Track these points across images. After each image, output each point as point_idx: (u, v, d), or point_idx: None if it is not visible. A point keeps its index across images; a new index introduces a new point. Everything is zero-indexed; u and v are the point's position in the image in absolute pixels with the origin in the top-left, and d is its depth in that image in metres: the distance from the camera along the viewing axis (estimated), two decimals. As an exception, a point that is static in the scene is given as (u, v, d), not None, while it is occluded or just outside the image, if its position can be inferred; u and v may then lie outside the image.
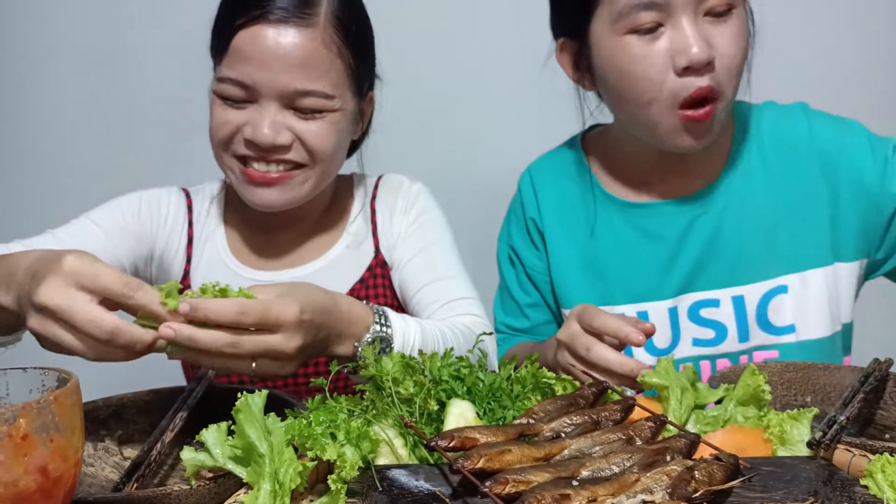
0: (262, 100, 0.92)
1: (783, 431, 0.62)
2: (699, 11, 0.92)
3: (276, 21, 0.90)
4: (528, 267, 1.14)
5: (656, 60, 0.92)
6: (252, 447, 0.53)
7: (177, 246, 1.06)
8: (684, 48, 0.91)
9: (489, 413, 0.68)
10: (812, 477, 0.58)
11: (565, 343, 0.84)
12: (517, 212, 1.17)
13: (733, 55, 0.93)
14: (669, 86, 0.93)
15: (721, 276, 1.04)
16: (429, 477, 0.58)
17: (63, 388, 0.43)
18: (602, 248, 1.09)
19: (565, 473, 0.55)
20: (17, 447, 0.39)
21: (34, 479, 0.40)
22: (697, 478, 0.54)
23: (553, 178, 1.14)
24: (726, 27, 0.93)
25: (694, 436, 0.60)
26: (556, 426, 0.63)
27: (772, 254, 1.03)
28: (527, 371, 0.72)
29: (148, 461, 0.61)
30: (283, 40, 0.90)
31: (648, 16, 0.91)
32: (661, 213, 1.06)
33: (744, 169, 1.05)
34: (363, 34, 1.00)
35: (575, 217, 1.11)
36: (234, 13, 0.92)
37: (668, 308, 1.06)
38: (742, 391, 0.68)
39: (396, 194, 1.10)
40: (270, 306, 0.66)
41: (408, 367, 0.68)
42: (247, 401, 0.55)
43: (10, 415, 0.39)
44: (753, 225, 1.04)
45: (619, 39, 0.94)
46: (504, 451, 0.57)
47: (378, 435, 0.61)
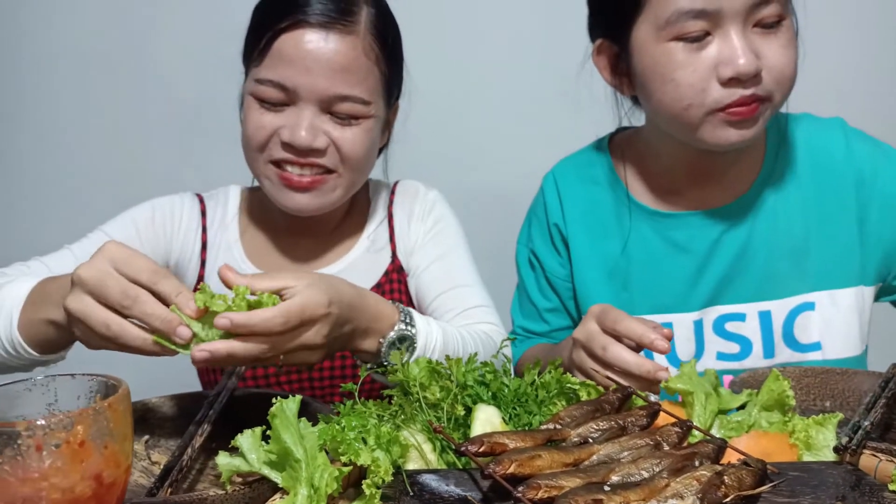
0: (300, 103, 0.93)
1: (808, 437, 0.63)
2: (749, 23, 0.90)
3: (319, 26, 0.92)
4: (549, 272, 1.14)
5: (700, 68, 0.91)
6: (288, 452, 0.54)
7: (191, 251, 1.06)
8: (731, 59, 0.89)
9: (514, 418, 0.69)
10: (839, 482, 0.58)
11: (582, 342, 0.84)
12: (539, 215, 1.16)
13: (783, 66, 0.92)
14: (712, 94, 0.91)
15: (748, 290, 1.03)
16: (459, 481, 0.59)
17: (116, 395, 0.43)
18: (628, 256, 1.07)
19: (596, 479, 0.56)
20: (74, 453, 0.40)
21: (89, 485, 0.40)
22: (727, 483, 0.55)
23: (579, 184, 1.13)
24: (775, 39, 0.91)
25: (721, 441, 0.61)
26: (584, 431, 0.63)
27: (801, 270, 1.02)
28: (551, 376, 0.72)
29: (179, 466, 0.61)
30: (326, 45, 0.92)
31: (697, 24, 0.90)
32: (691, 225, 1.05)
33: (776, 182, 1.04)
34: (396, 44, 1.02)
35: (601, 224, 1.10)
36: (275, 17, 0.93)
37: (693, 321, 1.05)
38: (766, 396, 0.68)
39: (413, 201, 1.11)
40: (306, 306, 0.68)
41: (434, 373, 0.69)
42: (282, 406, 0.55)
43: (69, 421, 0.40)
44: (784, 239, 1.03)
45: (664, 45, 0.92)
46: (534, 456, 0.57)
47: (407, 440, 0.62)
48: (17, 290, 0.78)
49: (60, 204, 1.74)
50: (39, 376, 0.48)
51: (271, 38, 0.92)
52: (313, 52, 0.91)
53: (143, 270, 0.67)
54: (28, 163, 1.77)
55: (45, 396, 0.47)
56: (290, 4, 0.93)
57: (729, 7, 0.89)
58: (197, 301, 0.66)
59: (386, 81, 0.99)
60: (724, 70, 0.89)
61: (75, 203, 1.71)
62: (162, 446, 0.75)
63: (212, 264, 1.06)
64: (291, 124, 0.93)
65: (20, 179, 1.77)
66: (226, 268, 0.71)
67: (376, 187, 1.14)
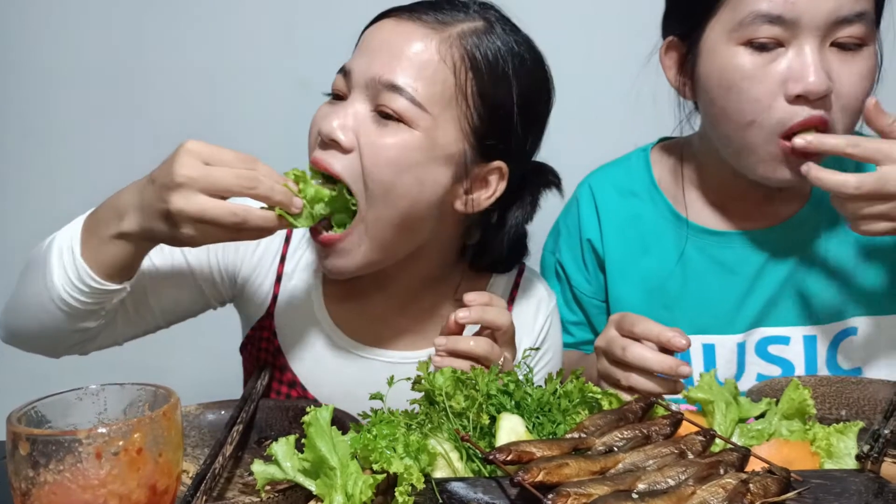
0: (352, 92, 0.83)
1: (830, 445, 0.64)
2: (827, 40, 0.86)
3: (405, 18, 0.84)
4: (576, 287, 1.11)
5: (768, 81, 0.87)
6: (323, 460, 0.55)
7: (261, 279, 0.95)
8: (801, 75, 0.85)
9: (538, 427, 0.70)
10: (862, 490, 0.59)
11: (602, 348, 0.84)
12: (571, 228, 1.11)
13: (855, 95, 0.87)
14: (777, 112, 0.87)
15: (794, 313, 1.01)
16: (487, 489, 0.60)
17: (170, 404, 0.45)
18: (669, 274, 1.03)
19: (623, 486, 0.57)
20: (132, 461, 0.41)
21: (144, 492, 0.42)
22: (753, 490, 0.56)
23: (617, 196, 1.08)
24: (853, 63, 0.87)
25: (745, 450, 0.62)
26: (608, 440, 0.64)
27: (847, 295, 1.01)
28: (573, 386, 0.73)
29: (213, 472, 0.62)
30: (397, 29, 0.83)
31: (771, 30, 0.86)
32: (739, 245, 1.02)
33: (825, 206, 0.98)
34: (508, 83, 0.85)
35: (641, 239, 1.05)
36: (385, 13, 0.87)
37: (736, 343, 1.02)
38: (787, 405, 0.69)
39: (537, 311, 0.99)
40: None
41: (459, 382, 0.70)
42: (316, 415, 0.56)
43: (127, 429, 0.41)
44: (832, 264, 1.01)
45: (734, 49, 0.88)
46: (562, 464, 0.58)
47: (435, 448, 0.63)
48: (68, 229, 0.80)
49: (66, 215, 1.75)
50: (92, 385, 0.49)
51: (363, 32, 0.87)
52: (383, 38, 0.83)
53: (234, 160, 0.71)
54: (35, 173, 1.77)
55: (95, 405, 0.48)
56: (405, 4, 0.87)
57: (809, 18, 0.84)
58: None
59: (470, 108, 0.83)
60: (793, 86, 0.86)
61: None
62: (189, 455, 0.76)
63: (284, 302, 0.95)
64: (333, 113, 0.83)
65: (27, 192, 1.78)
66: None
67: None
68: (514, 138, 0.87)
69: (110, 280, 0.78)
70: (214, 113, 1.67)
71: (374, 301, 0.95)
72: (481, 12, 0.87)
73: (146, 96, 1.72)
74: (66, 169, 1.75)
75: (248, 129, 1.65)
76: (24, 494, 0.42)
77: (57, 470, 0.41)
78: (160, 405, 0.45)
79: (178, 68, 1.69)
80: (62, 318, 0.79)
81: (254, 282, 0.95)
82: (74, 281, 0.77)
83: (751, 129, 0.89)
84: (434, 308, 0.96)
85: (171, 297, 0.92)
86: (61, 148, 1.75)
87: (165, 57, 1.69)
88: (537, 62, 0.90)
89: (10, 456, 0.43)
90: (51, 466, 0.40)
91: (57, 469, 0.41)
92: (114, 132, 1.73)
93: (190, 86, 1.69)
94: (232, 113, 1.68)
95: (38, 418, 0.47)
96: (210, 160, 0.70)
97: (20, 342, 0.88)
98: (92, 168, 1.72)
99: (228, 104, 1.68)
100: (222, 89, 1.67)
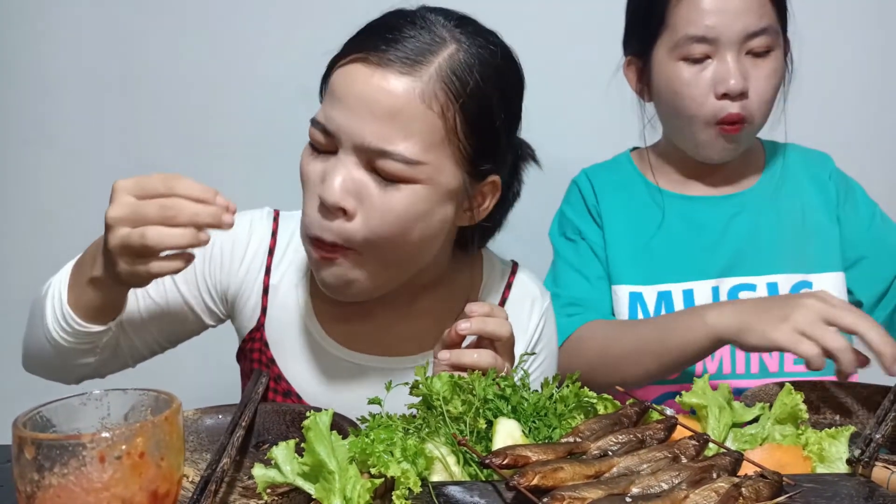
0: (340, 151, 0.81)
1: (822, 449, 0.65)
2: (742, 50, 1.11)
3: (375, 62, 0.79)
4: (594, 244, 1.25)
5: (701, 84, 1.12)
6: (322, 464, 0.56)
7: (249, 292, 0.96)
8: (724, 79, 1.10)
9: (534, 431, 0.71)
10: (853, 493, 0.60)
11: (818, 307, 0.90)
12: (574, 202, 1.29)
13: (766, 89, 1.13)
14: (709, 107, 1.12)
15: (758, 265, 1.21)
16: (483, 493, 0.61)
17: (171, 409, 0.46)
18: (653, 232, 1.23)
19: (617, 490, 0.58)
20: (134, 465, 0.42)
21: (146, 496, 0.42)
22: (745, 494, 0.57)
23: (609, 175, 1.30)
24: (764, 66, 1.12)
25: (737, 454, 0.63)
26: (603, 444, 0.65)
27: (801, 253, 1.21)
28: (569, 390, 0.74)
29: (216, 477, 0.63)
30: (374, 82, 0.78)
31: (700, 47, 1.11)
32: (707, 206, 1.23)
33: (777, 182, 1.25)
34: (491, 101, 0.84)
35: (630, 205, 1.25)
36: (343, 50, 0.83)
37: (711, 287, 1.20)
38: (779, 410, 0.70)
39: (531, 311, 1.00)
40: None
41: (456, 387, 0.71)
42: (315, 419, 0.57)
43: (130, 434, 0.42)
44: (786, 226, 1.22)
45: (675, 64, 1.13)
46: (557, 468, 0.59)
47: (432, 452, 0.64)
48: (62, 272, 0.85)
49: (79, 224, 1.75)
50: (96, 391, 0.50)
51: (329, 73, 0.83)
52: (359, 91, 0.78)
53: (160, 185, 0.71)
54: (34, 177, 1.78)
55: (98, 410, 0.49)
56: (362, 37, 0.82)
57: (726, 37, 1.10)
58: None
59: (461, 142, 0.82)
60: (719, 87, 1.10)
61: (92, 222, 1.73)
62: (188, 460, 0.77)
63: (274, 313, 0.95)
64: (326, 181, 0.80)
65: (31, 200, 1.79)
66: None
67: (490, 265, 1.02)
68: (502, 150, 0.88)
69: (94, 322, 0.82)
70: (215, 116, 1.68)
71: (365, 307, 0.94)
72: (448, 27, 0.83)
73: (145, 100, 1.72)
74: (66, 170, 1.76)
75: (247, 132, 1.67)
76: (29, 497, 0.43)
77: (61, 473, 0.42)
78: (162, 410, 0.46)
79: (178, 74, 1.70)
80: (60, 355, 0.85)
81: (242, 295, 0.96)
82: (62, 323, 0.82)
83: (691, 121, 1.14)
84: (427, 310, 0.97)
85: (170, 327, 0.95)
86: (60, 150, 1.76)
87: (165, 61, 1.70)
88: (508, 58, 0.88)
89: (16, 460, 0.44)
90: (55, 470, 0.41)
91: (61, 473, 0.42)
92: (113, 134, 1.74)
93: (189, 89, 1.70)
94: (232, 115, 1.70)
95: (42, 423, 0.48)
96: (139, 193, 0.71)
97: (37, 373, 0.94)
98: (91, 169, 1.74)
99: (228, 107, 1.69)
100: (222, 91, 1.68)
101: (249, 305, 0.96)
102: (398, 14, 0.85)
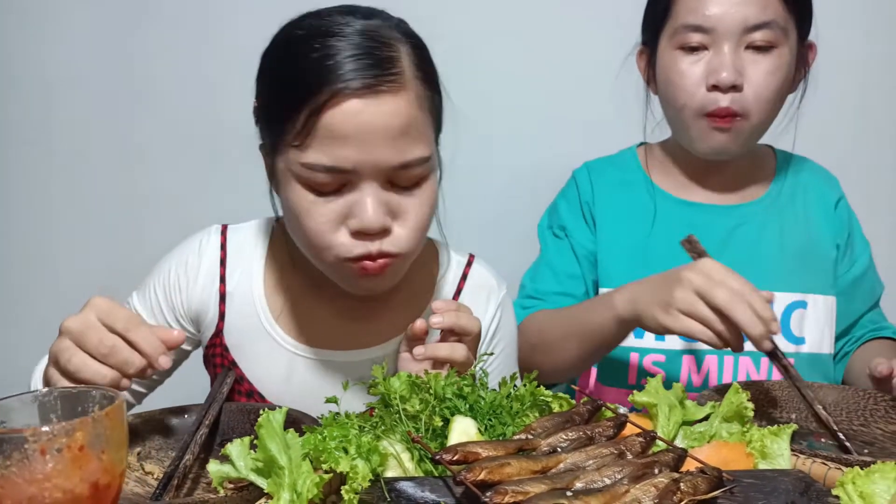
0: (361, 183, 0.82)
1: (764, 446, 0.67)
2: (742, 43, 1.08)
3: (366, 91, 0.79)
4: (577, 243, 1.24)
5: (694, 74, 1.10)
6: (273, 460, 0.58)
7: (208, 303, 0.99)
8: (716, 70, 1.08)
9: (490, 429, 0.73)
10: (790, 488, 0.62)
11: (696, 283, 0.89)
12: (569, 197, 1.28)
13: (764, 86, 1.08)
14: (699, 98, 1.10)
15: (757, 279, 1.11)
16: (434, 488, 0.63)
17: (112, 406, 0.48)
18: (650, 236, 1.21)
19: (560, 485, 0.60)
20: (74, 458, 0.44)
21: (87, 487, 0.45)
22: (683, 489, 0.58)
23: (611, 170, 1.28)
24: (764, 62, 1.08)
25: (681, 450, 0.65)
26: (553, 441, 0.67)
27: (800, 271, 1.19)
28: (525, 389, 0.76)
29: (178, 473, 0.65)
30: (381, 110, 0.80)
31: (697, 37, 1.09)
32: (710, 214, 1.21)
33: (784, 198, 1.23)
34: (434, 74, 0.89)
35: (628, 205, 1.23)
36: (310, 87, 0.80)
37: None
38: (726, 408, 0.72)
39: (487, 301, 1.04)
40: None
41: (414, 386, 0.73)
42: (268, 417, 0.60)
43: (70, 428, 0.45)
44: (789, 244, 1.20)
45: (673, 52, 1.12)
46: (504, 464, 0.61)
47: (387, 449, 0.66)
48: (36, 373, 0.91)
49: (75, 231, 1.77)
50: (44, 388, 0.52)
51: (311, 115, 0.79)
52: (368, 124, 0.79)
53: (118, 320, 0.73)
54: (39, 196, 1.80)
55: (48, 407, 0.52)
56: (324, 70, 0.79)
57: (724, 27, 1.07)
58: None
59: (437, 122, 0.89)
60: (710, 78, 1.08)
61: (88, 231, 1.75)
62: (154, 458, 0.79)
63: (232, 319, 0.98)
64: (358, 209, 0.82)
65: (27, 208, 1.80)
66: None
67: (447, 257, 1.05)
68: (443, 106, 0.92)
69: None
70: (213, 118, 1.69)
71: (322, 304, 0.98)
72: (399, 30, 0.86)
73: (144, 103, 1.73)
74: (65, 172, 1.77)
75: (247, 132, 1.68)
76: (-25, 487, 0.45)
77: (5, 465, 0.44)
78: (105, 407, 0.48)
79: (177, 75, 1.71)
80: None
81: (203, 308, 1.00)
82: None
83: (682, 111, 1.13)
84: (384, 303, 0.99)
85: None
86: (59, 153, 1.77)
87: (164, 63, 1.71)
88: None
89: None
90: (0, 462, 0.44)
91: (5, 465, 0.44)
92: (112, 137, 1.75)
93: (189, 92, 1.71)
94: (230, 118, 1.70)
95: (-7, 419, 0.51)
96: (102, 318, 0.74)
97: None
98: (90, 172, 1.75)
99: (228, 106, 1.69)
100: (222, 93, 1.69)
101: (210, 315, 1.00)
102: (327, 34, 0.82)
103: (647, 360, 1.18)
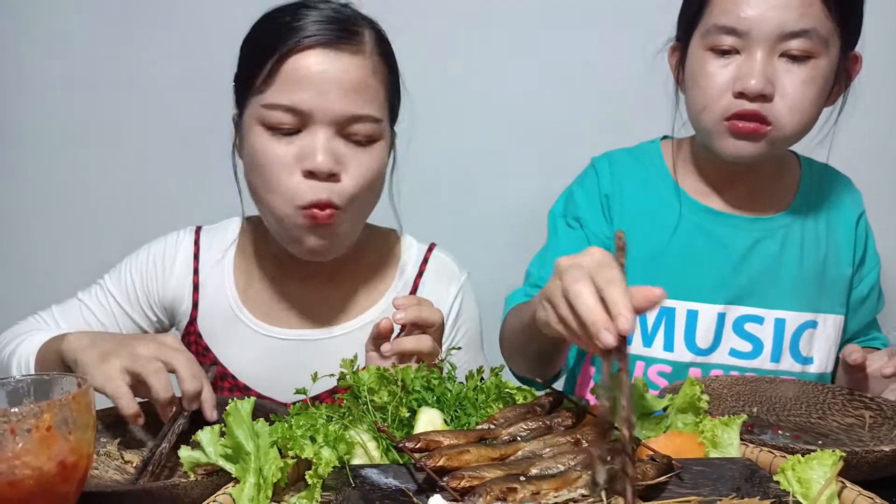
0: (313, 126, 0.91)
1: (714, 436, 0.70)
2: (776, 50, 1.00)
3: (328, 46, 0.90)
4: (592, 234, 1.17)
5: (721, 79, 1.03)
6: (240, 446, 0.61)
7: (182, 293, 1.06)
8: (745, 77, 1.00)
9: (455, 420, 0.76)
10: (736, 475, 0.65)
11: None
12: (588, 187, 1.21)
13: (797, 97, 1.01)
14: (723, 102, 1.03)
15: (772, 297, 1.13)
16: (397, 475, 0.65)
17: (79, 391, 0.51)
18: (668, 241, 1.15)
19: (516, 471, 0.63)
20: (42, 438, 0.47)
21: (55, 465, 0.48)
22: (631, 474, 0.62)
23: (633, 164, 1.21)
24: (799, 72, 1.01)
25: (635, 439, 0.68)
26: (514, 430, 0.70)
27: (816, 291, 1.15)
28: (491, 382, 0.79)
29: (154, 460, 0.68)
30: (338, 65, 0.90)
31: (728, 40, 1.02)
32: (732, 225, 1.15)
33: (808, 212, 1.17)
34: (396, 66, 1.00)
35: (648, 208, 1.17)
36: (278, 41, 0.91)
37: (717, 312, 1.13)
38: (682, 400, 0.75)
39: (448, 284, 1.09)
40: None
41: (383, 378, 0.76)
42: (236, 406, 0.62)
43: (38, 410, 0.48)
44: (808, 261, 1.15)
45: (703, 53, 1.05)
46: (463, 451, 0.64)
47: (353, 438, 0.68)
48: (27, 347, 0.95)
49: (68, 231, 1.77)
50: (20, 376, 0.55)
51: (277, 62, 0.90)
52: (326, 73, 0.90)
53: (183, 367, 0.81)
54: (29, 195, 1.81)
55: (24, 392, 0.55)
56: (292, 28, 0.91)
57: (758, 31, 1.00)
58: None
59: (391, 104, 0.98)
60: (737, 84, 1.01)
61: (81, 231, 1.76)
62: (134, 447, 0.82)
63: (204, 307, 1.05)
64: (310, 152, 0.90)
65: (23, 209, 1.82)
66: None
67: (409, 248, 1.12)
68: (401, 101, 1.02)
69: None
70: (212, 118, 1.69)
71: (287, 288, 1.05)
72: (366, 20, 0.97)
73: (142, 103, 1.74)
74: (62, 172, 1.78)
75: None
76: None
77: (-24, 444, 0.47)
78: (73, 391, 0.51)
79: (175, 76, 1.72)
80: None
81: (177, 299, 1.07)
82: None
83: (704, 114, 1.06)
84: (348, 280, 1.06)
85: None
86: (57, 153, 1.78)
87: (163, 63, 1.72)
88: None
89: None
90: (-30, 441, 0.47)
91: (-24, 444, 0.47)
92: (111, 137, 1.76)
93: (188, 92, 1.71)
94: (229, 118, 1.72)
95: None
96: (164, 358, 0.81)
97: None
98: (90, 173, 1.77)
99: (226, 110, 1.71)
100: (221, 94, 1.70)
101: (184, 305, 1.07)
102: (301, 6, 0.94)
103: (652, 371, 1.15)
